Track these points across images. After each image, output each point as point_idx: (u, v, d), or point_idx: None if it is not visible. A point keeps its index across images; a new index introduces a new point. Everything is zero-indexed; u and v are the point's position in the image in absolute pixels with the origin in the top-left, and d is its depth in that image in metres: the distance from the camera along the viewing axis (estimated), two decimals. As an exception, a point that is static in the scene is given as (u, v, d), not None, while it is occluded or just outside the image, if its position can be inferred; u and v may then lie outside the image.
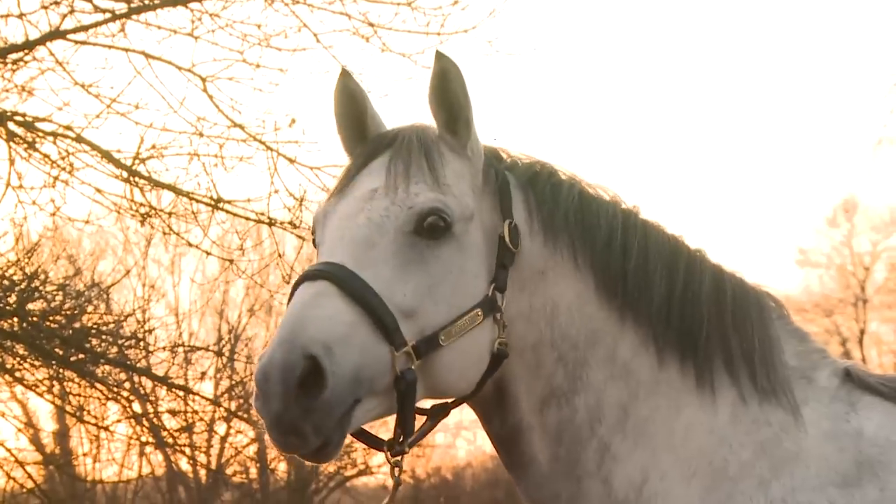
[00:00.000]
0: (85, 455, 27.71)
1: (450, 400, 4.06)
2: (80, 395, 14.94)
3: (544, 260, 4.14)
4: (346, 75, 4.15)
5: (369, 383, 3.70)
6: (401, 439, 3.85)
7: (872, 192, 73.15)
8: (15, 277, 13.46)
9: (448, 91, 4.03)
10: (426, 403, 4.09)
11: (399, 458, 3.89)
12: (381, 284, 3.74)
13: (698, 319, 4.19)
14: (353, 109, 4.14)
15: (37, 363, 14.01)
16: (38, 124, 12.94)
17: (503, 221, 4.06)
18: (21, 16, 12.68)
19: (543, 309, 4.12)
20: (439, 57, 3.99)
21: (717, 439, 4.11)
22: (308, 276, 3.76)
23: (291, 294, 3.78)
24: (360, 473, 36.05)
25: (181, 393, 15.00)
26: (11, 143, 12.92)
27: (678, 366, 4.16)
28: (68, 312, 14.04)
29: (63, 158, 12.94)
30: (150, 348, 15.04)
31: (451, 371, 3.89)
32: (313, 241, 4.07)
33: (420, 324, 3.80)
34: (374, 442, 3.93)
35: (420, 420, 3.98)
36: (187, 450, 18.69)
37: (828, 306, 43.11)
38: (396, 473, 3.92)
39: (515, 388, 4.11)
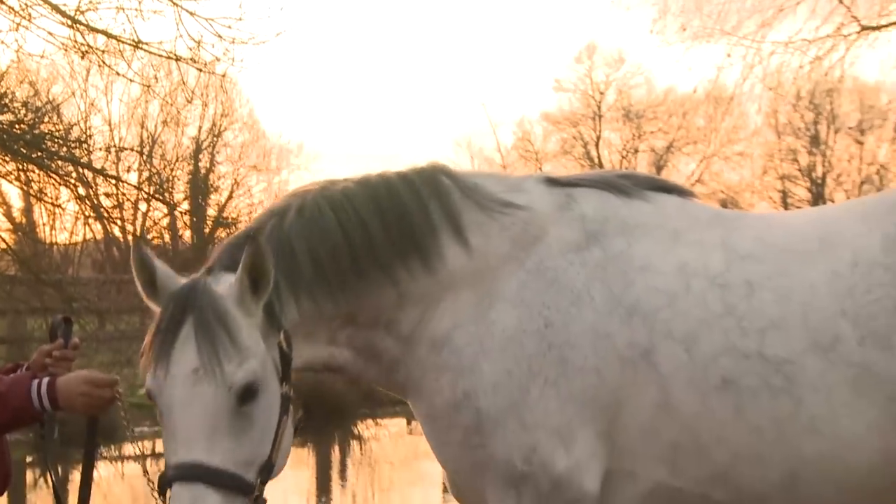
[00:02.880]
0: (44, 225, 27.46)
1: None
2: (39, 182, 14.86)
3: (301, 321, 3.65)
4: (137, 246, 3.51)
5: None
6: None
7: (607, 37, 74.23)
8: (-11, 97, 13.31)
9: (258, 266, 3.39)
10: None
11: None
12: (231, 460, 3.29)
13: (408, 233, 3.74)
14: (146, 271, 3.48)
15: (7, 159, 13.92)
16: (3, -16, 12.72)
17: (279, 333, 3.51)
18: None
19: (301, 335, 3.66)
20: (251, 241, 3.39)
21: (476, 261, 3.77)
22: (183, 478, 3.26)
23: (166, 481, 3.29)
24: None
25: (113, 181, 15.04)
26: (-18, -1, 12.71)
27: (424, 270, 3.75)
28: (30, 122, 13.94)
29: (23, 10, 12.79)
30: (91, 148, 14.98)
31: (283, 462, 3.54)
32: (151, 398, 3.40)
33: (258, 462, 3.37)
34: None
35: None
36: (119, 222, 18.72)
37: (574, 119, 44.31)
38: None
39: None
